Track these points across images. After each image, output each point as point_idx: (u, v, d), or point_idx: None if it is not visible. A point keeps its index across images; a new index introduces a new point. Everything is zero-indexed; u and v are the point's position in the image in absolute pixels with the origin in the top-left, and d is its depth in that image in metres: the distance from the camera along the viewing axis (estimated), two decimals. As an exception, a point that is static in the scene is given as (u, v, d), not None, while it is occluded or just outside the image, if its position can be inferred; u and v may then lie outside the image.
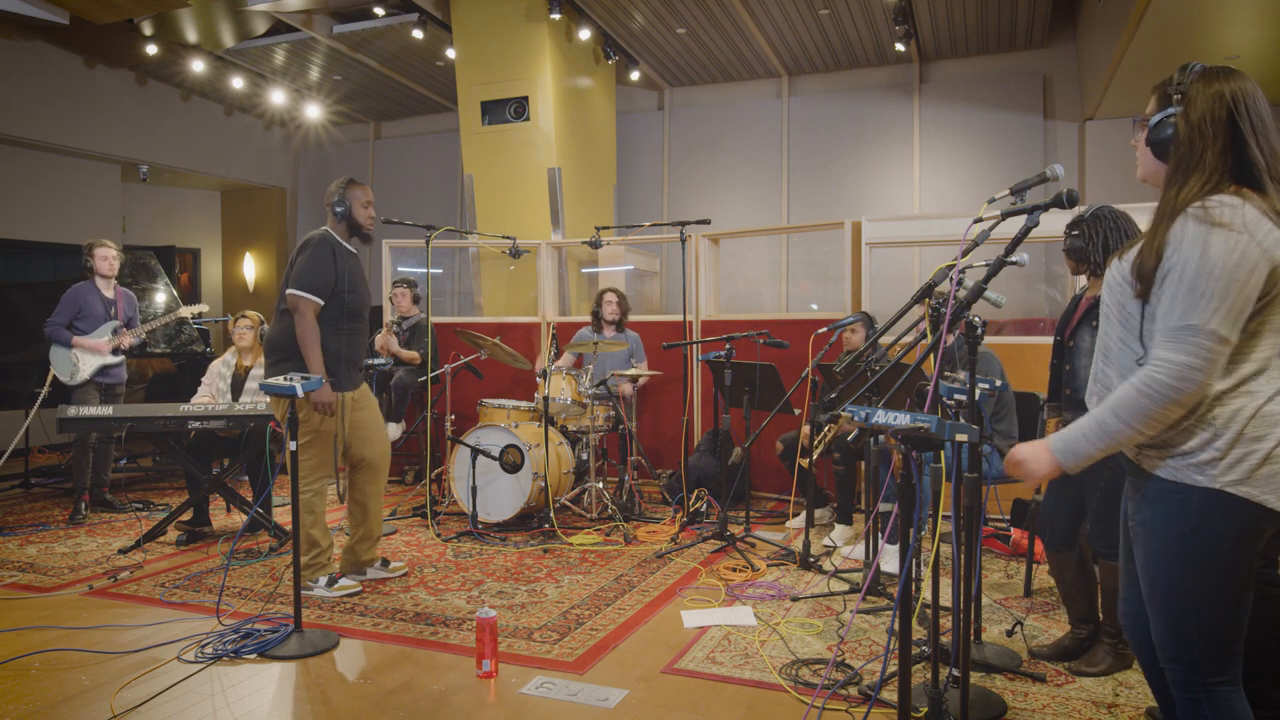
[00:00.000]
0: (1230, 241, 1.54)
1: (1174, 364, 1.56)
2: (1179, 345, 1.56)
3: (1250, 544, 1.62)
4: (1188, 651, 1.66)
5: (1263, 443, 1.57)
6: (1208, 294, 1.54)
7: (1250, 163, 1.61)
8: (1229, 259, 1.53)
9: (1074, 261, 2.97)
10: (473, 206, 7.97)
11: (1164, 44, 5.86)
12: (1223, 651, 1.64)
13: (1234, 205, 1.56)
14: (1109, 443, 1.65)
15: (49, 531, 4.97)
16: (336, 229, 3.86)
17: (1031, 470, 1.76)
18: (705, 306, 6.21)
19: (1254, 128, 1.62)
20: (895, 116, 8.77)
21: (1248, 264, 1.53)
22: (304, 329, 3.66)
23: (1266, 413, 1.58)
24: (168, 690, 2.81)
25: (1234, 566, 1.61)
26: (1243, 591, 1.64)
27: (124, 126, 8.94)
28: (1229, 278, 1.53)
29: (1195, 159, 1.63)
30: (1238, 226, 1.54)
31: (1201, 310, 1.54)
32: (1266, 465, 1.57)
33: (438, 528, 4.98)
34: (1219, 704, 1.64)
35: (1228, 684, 1.65)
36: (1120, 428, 1.62)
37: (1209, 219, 1.56)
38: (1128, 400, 1.61)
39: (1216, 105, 1.63)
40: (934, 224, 5.62)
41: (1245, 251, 1.53)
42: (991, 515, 4.66)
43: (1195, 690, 1.66)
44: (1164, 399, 1.57)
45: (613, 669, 2.99)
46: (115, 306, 5.42)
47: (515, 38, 7.55)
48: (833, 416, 2.98)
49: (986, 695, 2.69)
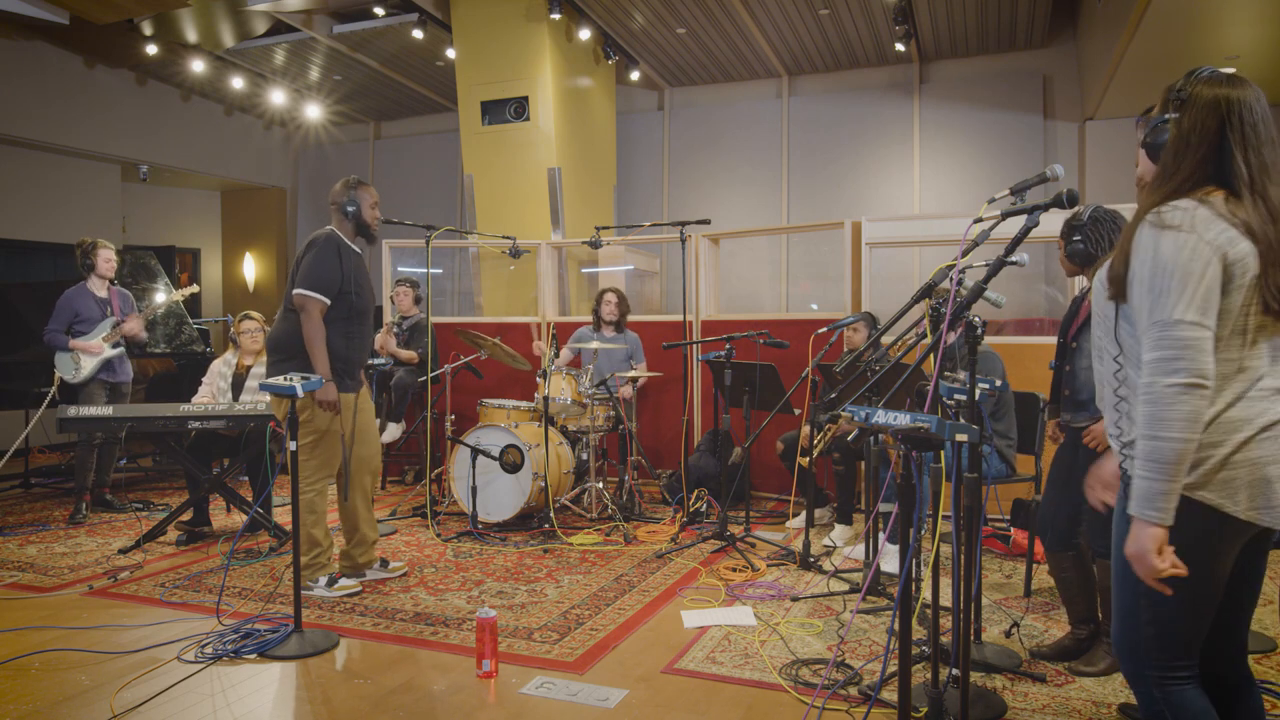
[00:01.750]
0: (1179, 240, 1.56)
1: (1153, 362, 1.58)
2: (1152, 343, 1.58)
3: (1210, 550, 1.61)
4: (1136, 649, 1.67)
5: (1219, 448, 1.58)
6: (1165, 289, 1.56)
7: (1232, 173, 1.61)
8: (1180, 255, 1.56)
9: (1076, 265, 2.96)
10: (473, 206, 7.98)
11: (1164, 44, 5.86)
12: (1174, 652, 1.64)
13: (1186, 208, 1.59)
14: (1161, 464, 1.55)
15: (49, 531, 4.97)
16: (342, 228, 3.86)
17: (1145, 553, 1.57)
18: (705, 306, 6.21)
19: (1244, 139, 1.62)
20: (895, 116, 8.77)
21: (1200, 258, 1.55)
22: (311, 329, 3.65)
23: (1225, 419, 1.59)
24: (168, 690, 2.81)
25: (1192, 569, 1.59)
26: (1198, 596, 1.63)
27: (124, 126, 8.94)
28: (1183, 271, 1.55)
29: (1175, 166, 1.65)
30: (1185, 227, 1.57)
31: (1163, 305, 1.56)
32: (1224, 470, 1.58)
33: (438, 528, 4.98)
34: (1173, 700, 1.65)
35: (1182, 680, 1.65)
36: (1155, 444, 1.56)
37: (1160, 223, 1.59)
38: (1144, 416, 1.58)
39: (1208, 114, 1.64)
40: (934, 224, 5.62)
41: (1195, 248, 1.56)
42: (991, 515, 4.66)
43: (1149, 686, 1.67)
44: (1162, 398, 1.56)
45: (613, 669, 2.99)
46: (110, 305, 5.42)
47: (515, 38, 7.55)
48: (833, 416, 2.98)
49: (986, 695, 2.69)
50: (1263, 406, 1.60)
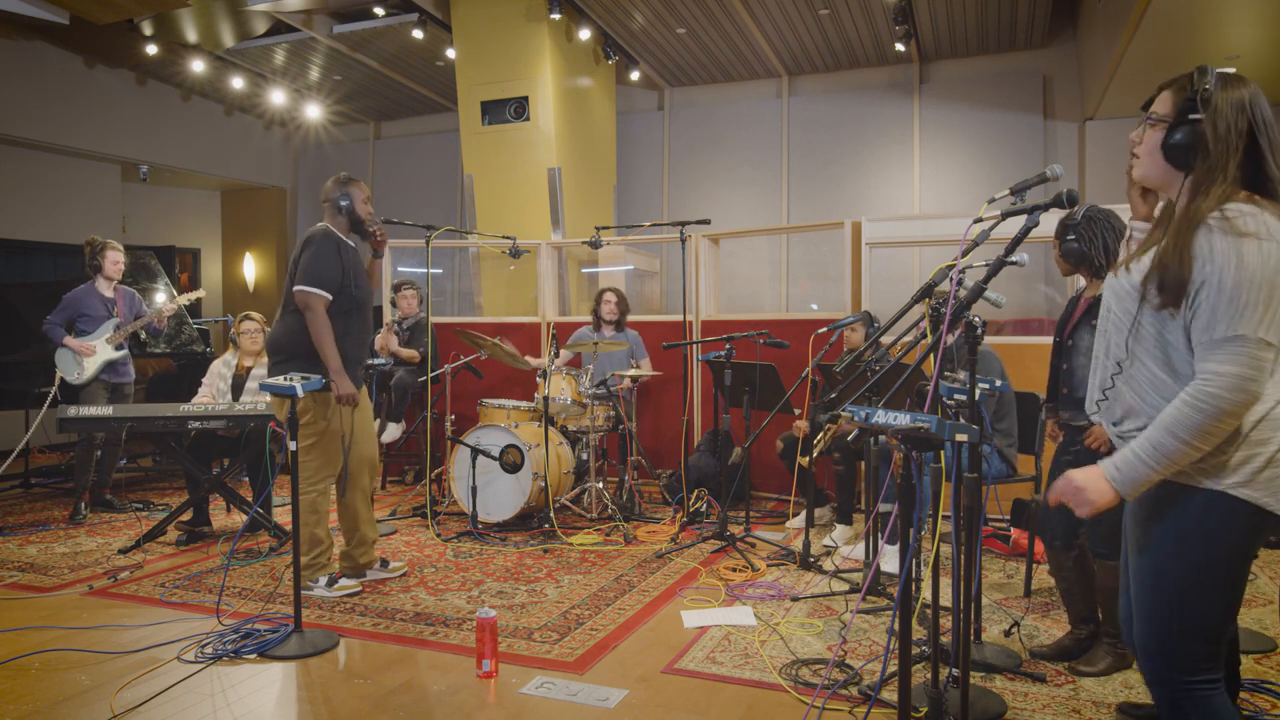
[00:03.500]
0: (1263, 250, 1.53)
1: (1226, 375, 1.53)
2: (1229, 357, 1.53)
3: (1248, 547, 1.62)
4: (1168, 650, 1.65)
5: (1267, 446, 1.57)
6: (1252, 303, 1.52)
7: (1267, 176, 1.60)
8: (1265, 266, 1.52)
9: (1070, 264, 2.97)
10: (473, 206, 7.98)
11: (1164, 44, 5.86)
12: (1205, 651, 1.64)
13: (1254, 214, 1.56)
14: (1166, 463, 1.59)
15: (49, 531, 4.97)
16: (337, 224, 3.86)
17: (1091, 500, 1.67)
18: (705, 306, 6.21)
19: (1270, 140, 1.61)
20: (895, 116, 8.77)
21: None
22: (318, 326, 3.65)
23: (1274, 416, 1.57)
24: (168, 690, 2.81)
25: (1229, 568, 1.61)
26: (1235, 593, 1.64)
27: (124, 126, 8.94)
28: (1270, 285, 1.52)
29: (1219, 169, 1.61)
30: (1264, 234, 1.54)
31: (1248, 320, 1.52)
32: (1269, 468, 1.57)
33: (438, 528, 4.98)
34: (1200, 703, 1.63)
35: (1210, 683, 1.64)
36: (1177, 446, 1.56)
37: (1235, 229, 1.54)
38: (1181, 417, 1.56)
39: (1239, 115, 1.61)
40: (934, 224, 5.62)
41: (1278, 258, 1.53)
42: (991, 515, 4.66)
43: (1176, 689, 1.65)
44: (1219, 412, 1.53)
45: (613, 669, 2.99)
46: (115, 306, 5.42)
47: (515, 38, 7.55)
48: (833, 416, 2.98)
49: (986, 695, 2.69)
50: None
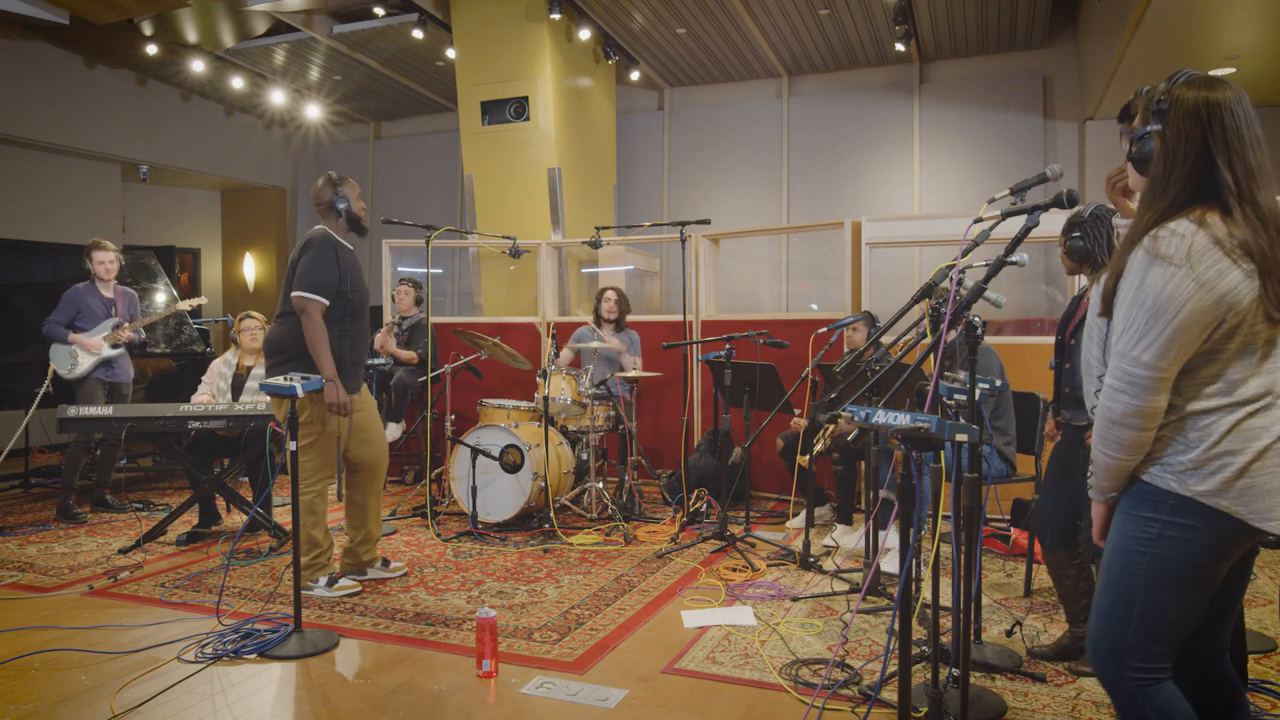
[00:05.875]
0: (1165, 275, 1.55)
1: (1108, 388, 1.63)
2: (1111, 370, 1.63)
3: (1217, 556, 1.61)
4: (1119, 651, 1.66)
5: (1238, 456, 1.56)
6: (1135, 325, 1.58)
7: (1219, 183, 1.58)
8: (1160, 293, 1.55)
9: (1074, 262, 2.97)
10: (473, 206, 7.98)
11: (1164, 44, 5.86)
12: (1157, 651, 1.64)
13: (1183, 235, 1.55)
14: (1103, 472, 1.70)
15: (49, 531, 4.97)
16: (335, 227, 3.86)
17: (1095, 517, 1.79)
18: (705, 306, 6.21)
19: (1227, 146, 1.57)
20: (895, 116, 8.77)
21: (1180, 297, 1.53)
22: (313, 331, 3.65)
23: (1246, 426, 1.57)
24: (168, 690, 2.81)
25: (1193, 573, 1.61)
26: (1196, 600, 1.64)
27: (124, 126, 8.94)
28: (1156, 310, 1.55)
29: (1165, 180, 1.62)
30: (1178, 260, 1.54)
31: (1128, 339, 1.59)
32: (1242, 478, 1.56)
33: (438, 528, 4.98)
34: (1155, 700, 1.64)
35: (1160, 680, 1.65)
36: (1099, 453, 1.69)
37: (1154, 251, 1.57)
38: (1095, 426, 1.69)
39: (1191, 122, 1.59)
40: (934, 224, 5.63)
41: (1178, 285, 1.53)
42: (991, 515, 4.66)
43: (1129, 689, 1.65)
44: (1107, 421, 1.64)
45: (613, 669, 2.99)
46: (115, 305, 5.43)
47: (515, 38, 7.55)
48: (833, 416, 2.98)
49: (986, 695, 2.69)
50: (1278, 415, 1.58)
